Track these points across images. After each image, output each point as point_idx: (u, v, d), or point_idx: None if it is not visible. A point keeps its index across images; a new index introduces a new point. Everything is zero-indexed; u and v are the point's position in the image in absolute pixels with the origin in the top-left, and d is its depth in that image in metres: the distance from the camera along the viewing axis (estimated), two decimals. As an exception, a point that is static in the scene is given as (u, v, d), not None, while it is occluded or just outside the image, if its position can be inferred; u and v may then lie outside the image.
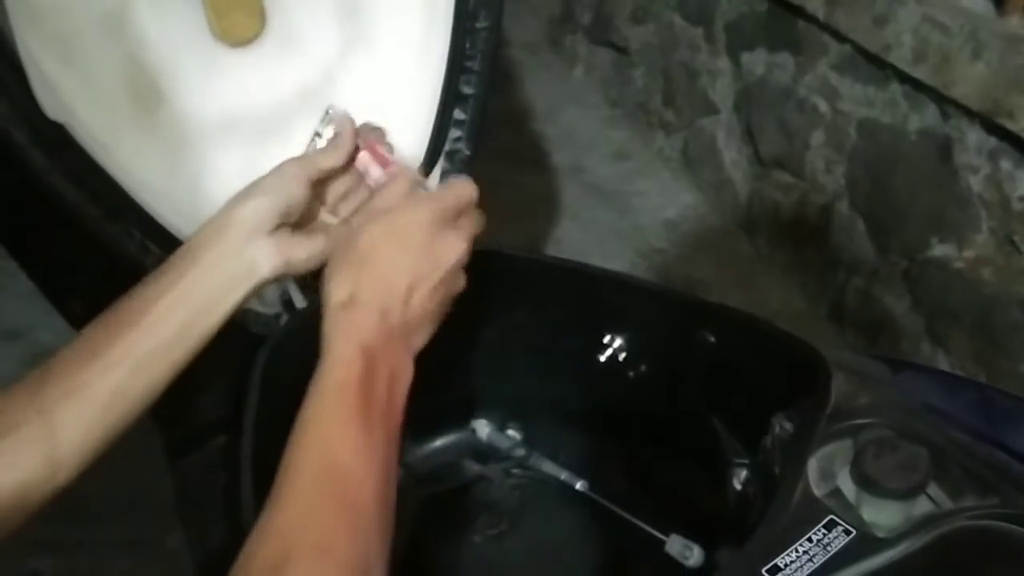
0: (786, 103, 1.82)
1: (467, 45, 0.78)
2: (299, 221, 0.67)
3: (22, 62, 0.61)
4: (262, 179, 0.65)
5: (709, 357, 0.74)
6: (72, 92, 0.66)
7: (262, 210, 0.63)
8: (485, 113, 0.81)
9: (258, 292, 0.64)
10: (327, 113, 0.79)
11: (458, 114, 0.81)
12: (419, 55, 0.81)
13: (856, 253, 1.68)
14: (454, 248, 0.61)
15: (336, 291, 0.58)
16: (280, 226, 0.64)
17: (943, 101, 1.41)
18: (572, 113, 2.47)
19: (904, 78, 1.49)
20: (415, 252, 0.59)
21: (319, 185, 0.70)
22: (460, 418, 0.90)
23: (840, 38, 1.64)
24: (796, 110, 1.79)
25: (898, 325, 1.60)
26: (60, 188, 0.65)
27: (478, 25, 0.77)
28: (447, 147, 0.83)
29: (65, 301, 0.80)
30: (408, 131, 0.83)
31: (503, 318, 0.78)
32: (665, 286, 0.73)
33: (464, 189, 0.65)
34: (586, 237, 2.03)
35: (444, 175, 0.84)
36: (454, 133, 0.82)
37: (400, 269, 0.59)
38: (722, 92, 2.04)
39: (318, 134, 0.80)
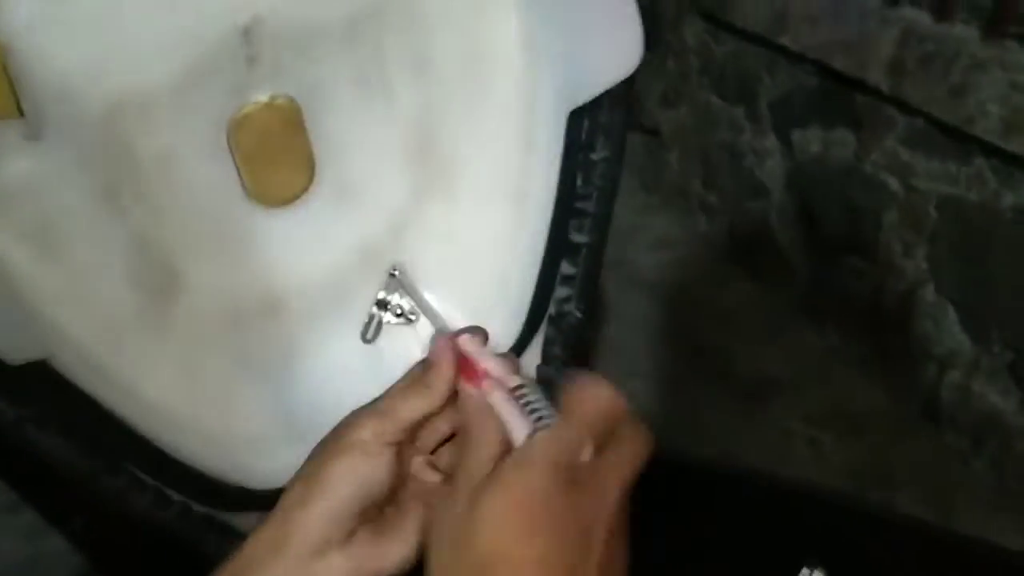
0: (850, 182, 1.68)
1: (579, 182, 0.62)
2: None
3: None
4: (328, 459, 0.47)
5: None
6: (56, 296, 0.50)
7: (332, 513, 0.45)
8: (599, 265, 0.65)
9: None
10: (392, 275, 0.64)
11: (566, 268, 0.65)
12: (513, 198, 0.65)
13: (949, 344, 1.52)
14: (601, 513, 0.42)
15: None
16: (359, 525, 0.47)
17: (1045, 175, 1.27)
18: (604, 201, 2.33)
19: (992, 151, 1.35)
20: (552, 538, 0.41)
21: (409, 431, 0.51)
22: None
23: (909, 111, 1.50)
24: (863, 189, 1.65)
25: (1008, 425, 1.43)
26: (39, 443, 0.48)
27: (594, 157, 0.61)
28: (552, 310, 0.67)
29: (65, 519, 0.63)
30: (501, 292, 0.67)
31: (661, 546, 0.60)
32: (890, 510, 0.54)
33: (594, 403, 0.44)
34: (636, 338, 1.88)
35: (549, 344, 0.68)
36: (561, 292, 0.66)
37: (540, 568, 0.41)
38: (771, 172, 1.90)
39: (381, 303, 0.64)
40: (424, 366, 0.51)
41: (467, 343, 0.51)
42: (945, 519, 1.40)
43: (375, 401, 0.51)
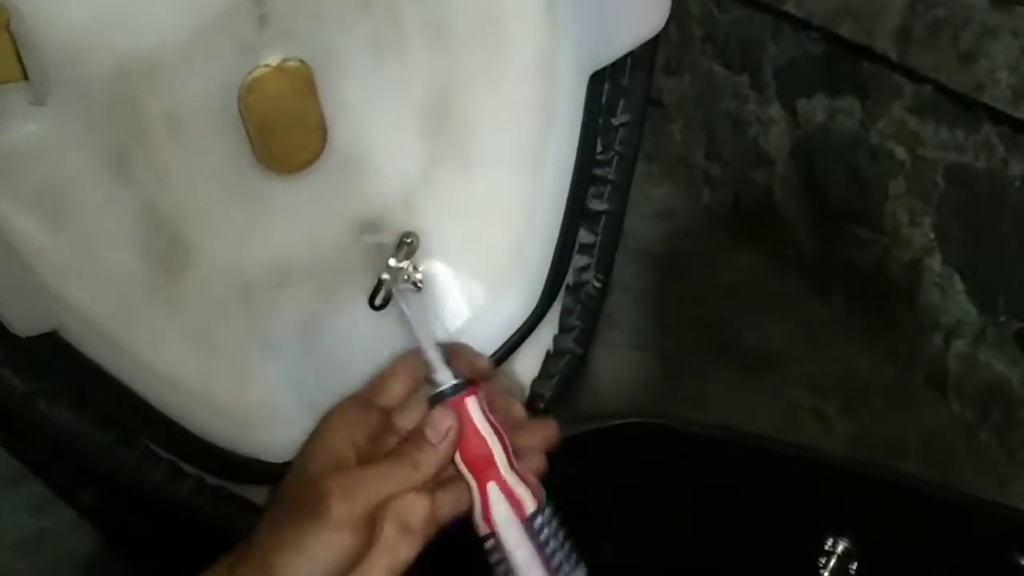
0: (856, 151, 1.66)
1: (599, 148, 0.60)
2: None
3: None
4: (301, 528, 0.46)
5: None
6: (64, 266, 0.48)
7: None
8: (619, 233, 0.63)
9: None
10: (403, 242, 0.62)
11: (585, 236, 0.64)
12: (531, 165, 0.64)
13: (955, 313, 1.51)
14: None
15: None
16: None
17: (1055, 143, 1.25)
18: (605, 172, 2.31)
19: (1000, 119, 1.33)
20: None
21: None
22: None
23: (917, 78, 1.48)
24: (869, 158, 1.63)
25: (1014, 394, 1.43)
26: (51, 417, 0.47)
27: (615, 121, 0.59)
28: (570, 279, 0.65)
29: (73, 492, 0.62)
30: (518, 261, 0.65)
31: (678, 512, 0.59)
32: (914, 478, 0.53)
33: None
34: (641, 310, 1.86)
35: (567, 314, 0.66)
36: (580, 260, 0.65)
37: None
38: (776, 142, 1.88)
39: (391, 270, 0.62)
40: (416, 435, 0.49)
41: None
42: (951, 489, 1.39)
43: (348, 470, 0.48)
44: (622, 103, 0.58)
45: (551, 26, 0.57)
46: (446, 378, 0.50)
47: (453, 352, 0.52)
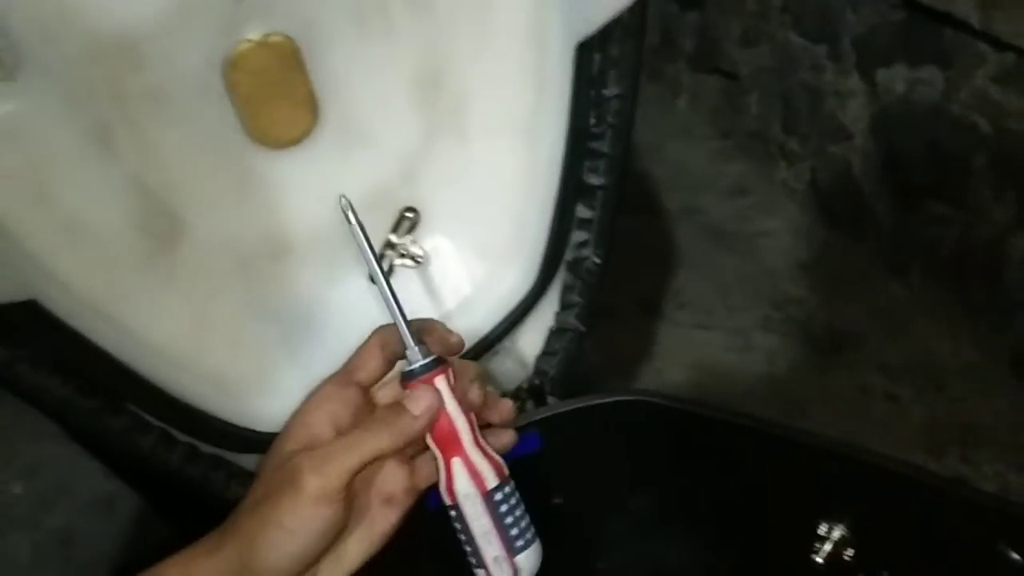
0: (936, 123, 1.57)
1: (592, 121, 0.59)
2: None
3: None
4: (278, 500, 0.46)
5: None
6: (50, 242, 0.50)
7: (293, 557, 0.45)
8: (618, 208, 0.62)
9: None
10: (403, 217, 0.62)
11: (582, 211, 0.63)
12: (525, 136, 0.63)
13: (1041, 294, 1.42)
14: None
15: None
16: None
17: None
18: (679, 148, 2.26)
19: (1091, 87, 1.24)
20: None
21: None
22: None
23: (1000, 46, 1.39)
24: (950, 131, 1.55)
25: (1105, 380, 1.34)
26: (33, 382, 0.48)
27: (606, 93, 0.58)
28: (569, 255, 0.64)
29: None
30: (517, 235, 0.65)
31: (669, 492, 0.57)
32: (918, 469, 0.49)
33: None
34: (709, 288, 1.82)
35: (567, 290, 0.65)
36: (578, 236, 0.63)
37: None
38: (854, 115, 1.80)
39: (391, 244, 0.63)
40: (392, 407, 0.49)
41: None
42: (1031, 480, 1.32)
43: (320, 445, 0.48)
44: (612, 74, 0.56)
45: (535, -6, 0.56)
46: (417, 356, 0.50)
47: (425, 329, 0.52)
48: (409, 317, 0.59)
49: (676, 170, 2.17)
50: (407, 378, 0.50)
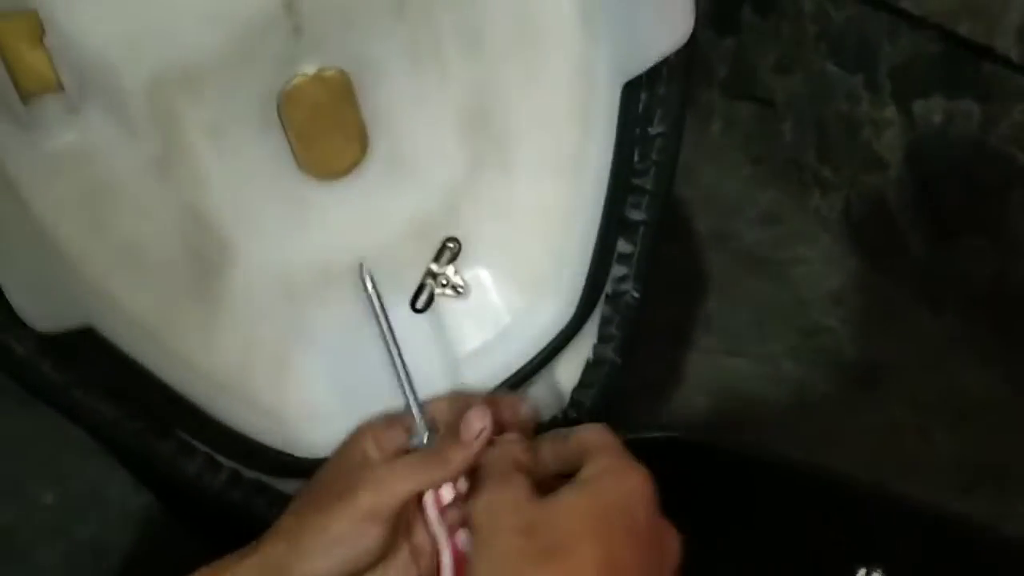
0: (974, 156, 1.57)
1: (636, 157, 0.60)
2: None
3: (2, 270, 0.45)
4: (316, 519, 0.47)
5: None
6: (106, 266, 0.51)
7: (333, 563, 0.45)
8: (657, 244, 0.62)
9: None
10: (445, 247, 0.63)
11: (623, 246, 0.63)
12: (569, 173, 0.64)
13: (1079, 333, 1.41)
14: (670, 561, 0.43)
15: None
16: None
17: None
18: (711, 173, 2.26)
19: None
20: (629, 550, 0.41)
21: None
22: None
23: (1041, 80, 1.38)
24: (988, 164, 1.54)
25: None
26: (87, 406, 0.50)
27: (652, 131, 0.59)
28: (609, 289, 0.65)
29: None
30: (557, 268, 0.65)
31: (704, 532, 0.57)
32: (957, 514, 0.49)
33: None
34: (739, 315, 1.81)
35: (606, 323, 0.66)
36: (618, 270, 0.64)
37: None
38: (890, 145, 1.79)
39: (432, 274, 0.64)
40: (443, 436, 0.50)
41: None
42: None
43: (378, 465, 0.49)
44: (659, 113, 0.57)
45: (586, 33, 0.57)
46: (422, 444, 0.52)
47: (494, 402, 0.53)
48: (448, 347, 0.61)
49: (708, 195, 2.17)
50: None
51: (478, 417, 0.50)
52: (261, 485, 0.60)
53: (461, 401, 0.55)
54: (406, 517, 0.50)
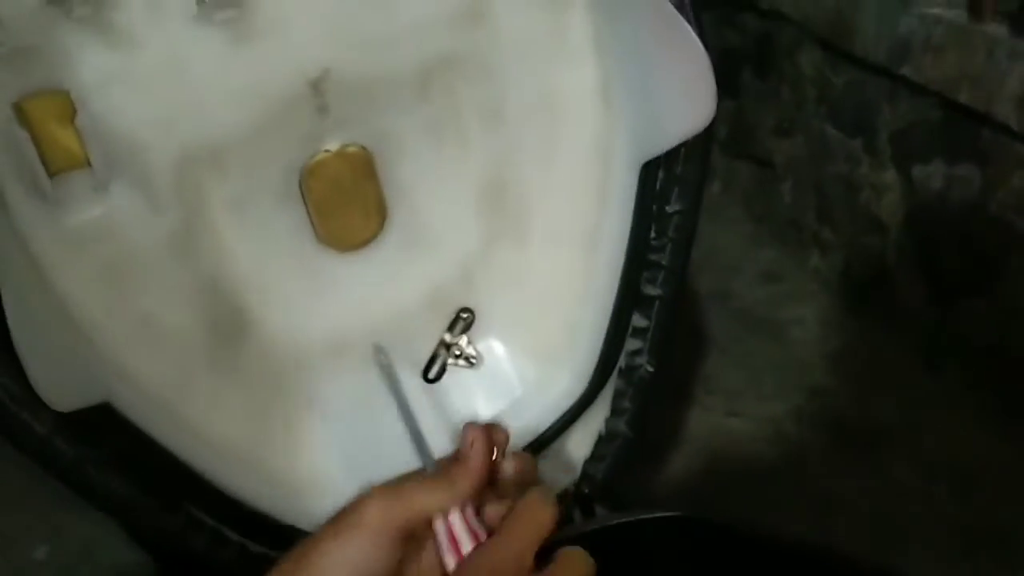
0: (973, 221, 1.58)
1: (652, 234, 0.60)
2: None
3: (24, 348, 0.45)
4: (325, 539, 0.46)
5: None
6: (125, 339, 0.51)
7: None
8: (674, 320, 0.63)
9: None
10: (458, 318, 0.63)
11: (638, 320, 0.63)
12: (585, 247, 0.64)
13: (1081, 400, 1.41)
14: None
15: None
16: None
17: None
18: (711, 231, 2.27)
19: None
20: None
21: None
22: None
23: (1040, 148, 1.40)
24: (987, 229, 1.55)
25: None
26: (99, 482, 0.49)
27: (668, 209, 0.59)
28: (622, 362, 0.65)
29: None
30: (571, 341, 0.66)
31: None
32: None
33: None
34: (740, 374, 1.81)
35: (619, 396, 0.66)
36: (632, 344, 0.64)
37: None
38: (889, 208, 1.81)
39: (446, 344, 0.64)
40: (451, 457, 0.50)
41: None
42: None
43: (391, 482, 0.50)
44: (676, 191, 0.58)
45: (604, 114, 0.58)
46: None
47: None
48: (459, 417, 0.60)
49: (708, 253, 2.18)
50: None
51: (468, 433, 0.49)
52: (268, 558, 0.59)
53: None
54: (415, 545, 0.49)
